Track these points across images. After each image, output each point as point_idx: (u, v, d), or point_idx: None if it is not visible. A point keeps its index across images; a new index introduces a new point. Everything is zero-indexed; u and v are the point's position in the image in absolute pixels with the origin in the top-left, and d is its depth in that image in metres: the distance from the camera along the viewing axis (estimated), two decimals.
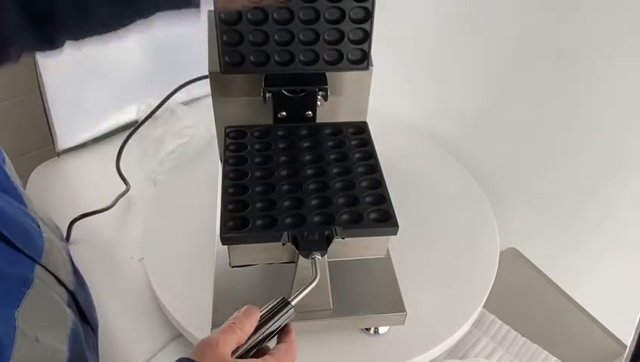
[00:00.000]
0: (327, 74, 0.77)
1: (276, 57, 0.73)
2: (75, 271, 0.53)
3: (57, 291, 0.45)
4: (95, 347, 0.55)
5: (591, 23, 0.86)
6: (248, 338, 0.52)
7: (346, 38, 0.72)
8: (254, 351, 0.52)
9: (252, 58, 0.72)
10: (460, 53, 1.06)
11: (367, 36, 0.72)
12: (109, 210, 0.96)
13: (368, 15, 0.71)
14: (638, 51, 0.82)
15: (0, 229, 0.39)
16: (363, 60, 0.75)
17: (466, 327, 0.80)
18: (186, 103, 1.15)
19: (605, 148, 0.93)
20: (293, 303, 0.55)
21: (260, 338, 0.53)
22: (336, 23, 0.71)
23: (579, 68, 0.90)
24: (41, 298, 0.42)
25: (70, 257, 0.53)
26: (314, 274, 0.60)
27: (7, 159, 0.51)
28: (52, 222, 0.52)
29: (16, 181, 0.51)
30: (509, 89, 1.02)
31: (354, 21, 0.71)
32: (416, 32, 1.10)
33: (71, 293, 0.48)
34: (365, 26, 0.72)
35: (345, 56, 0.74)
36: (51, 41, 0.54)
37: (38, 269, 0.43)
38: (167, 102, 1.05)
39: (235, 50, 0.72)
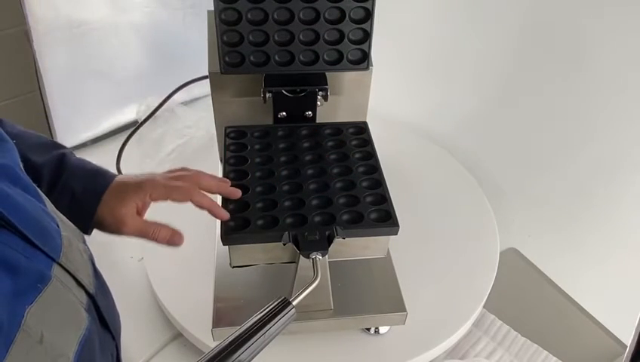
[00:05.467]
0: (327, 74, 0.77)
1: (276, 57, 0.73)
2: (97, 276, 0.51)
3: (76, 293, 0.44)
4: (114, 355, 0.53)
5: (591, 23, 0.86)
6: (249, 339, 0.51)
7: (346, 39, 0.72)
8: (255, 354, 0.52)
9: (252, 58, 0.72)
10: (459, 53, 1.06)
11: (367, 36, 0.72)
12: None
13: (368, 15, 0.71)
14: (638, 51, 0.82)
15: (18, 226, 0.39)
16: (363, 60, 0.74)
17: (466, 327, 0.80)
18: (186, 103, 1.15)
19: (605, 149, 0.93)
20: (294, 303, 0.55)
21: (261, 338, 0.53)
22: (337, 23, 0.71)
23: (579, 68, 0.90)
24: (57, 297, 0.41)
25: (92, 261, 0.51)
26: (315, 274, 0.60)
27: None
28: (71, 224, 0.50)
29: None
30: (509, 89, 1.02)
31: (354, 21, 0.71)
32: (416, 32, 1.10)
33: (91, 297, 0.47)
34: (365, 26, 0.72)
35: (345, 57, 0.74)
36: None
37: (56, 268, 0.42)
38: (167, 102, 1.05)
39: (235, 51, 0.72)
